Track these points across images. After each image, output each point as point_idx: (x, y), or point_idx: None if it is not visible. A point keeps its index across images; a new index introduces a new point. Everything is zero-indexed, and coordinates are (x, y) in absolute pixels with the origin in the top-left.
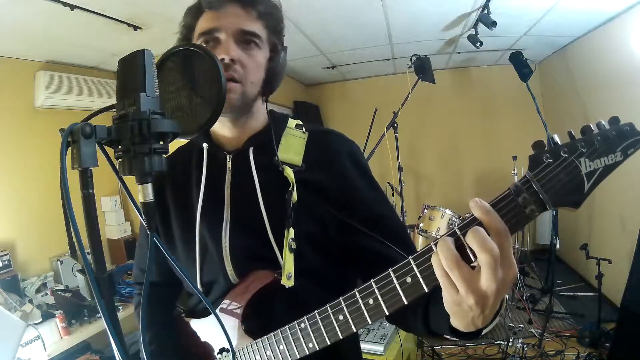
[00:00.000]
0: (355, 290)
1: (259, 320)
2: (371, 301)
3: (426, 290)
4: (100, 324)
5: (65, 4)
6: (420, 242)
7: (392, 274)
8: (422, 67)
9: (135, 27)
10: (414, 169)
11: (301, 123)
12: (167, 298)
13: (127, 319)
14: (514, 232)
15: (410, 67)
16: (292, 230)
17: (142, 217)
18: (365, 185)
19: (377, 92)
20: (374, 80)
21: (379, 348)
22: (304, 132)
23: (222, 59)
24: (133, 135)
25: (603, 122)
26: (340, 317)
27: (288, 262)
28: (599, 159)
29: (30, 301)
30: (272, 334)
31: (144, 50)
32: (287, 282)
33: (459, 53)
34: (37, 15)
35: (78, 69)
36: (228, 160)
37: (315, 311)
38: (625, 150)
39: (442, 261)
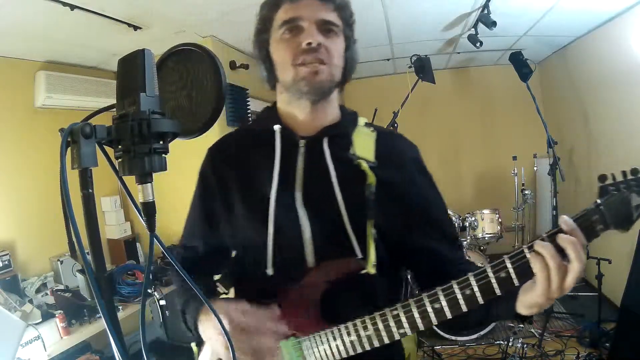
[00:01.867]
0: (453, 282)
1: (332, 307)
2: (468, 292)
3: (516, 284)
4: (100, 324)
5: (65, 4)
6: None
7: (488, 269)
8: (422, 67)
9: (135, 27)
10: None
11: (368, 121)
12: (207, 271)
13: (127, 319)
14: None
15: (410, 67)
16: (372, 221)
17: (142, 217)
18: (429, 189)
19: (377, 92)
20: (374, 80)
21: None
22: (373, 131)
23: (309, 43)
24: (133, 135)
25: None
26: (437, 306)
27: (372, 251)
28: None
29: (30, 301)
30: (357, 320)
31: (144, 50)
32: (372, 270)
33: (459, 53)
34: (37, 15)
35: (78, 69)
36: (301, 145)
37: (410, 299)
38: None
39: (549, 262)
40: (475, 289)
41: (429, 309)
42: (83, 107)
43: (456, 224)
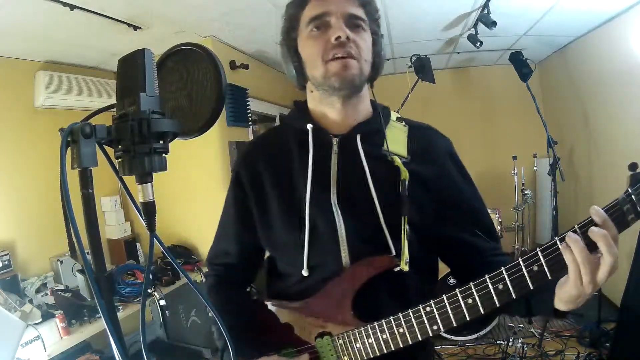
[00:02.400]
0: (487, 276)
1: (367, 305)
2: (501, 286)
3: (550, 277)
4: (100, 324)
5: (65, 4)
6: None
7: (521, 262)
8: (422, 67)
9: (135, 27)
10: None
11: (400, 116)
12: (243, 279)
13: (127, 319)
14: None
15: (410, 67)
16: (406, 218)
17: (142, 217)
18: (463, 181)
19: (377, 91)
20: None
21: None
22: (405, 125)
23: (338, 37)
24: (133, 135)
25: None
26: (470, 301)
27: (406, 248)
28: None
29: (30, 301)
30: (391, 317)
31: (144, 49)
32: (405, 267)
33: (458, 53)
34: (37, 15)
35: (78, 68)
36: (334, 143)
37: (443, 295)
38: None
39: (578, 256)
40: (509, 283)
41: (462, 305)
42: (83, 107)
43: None
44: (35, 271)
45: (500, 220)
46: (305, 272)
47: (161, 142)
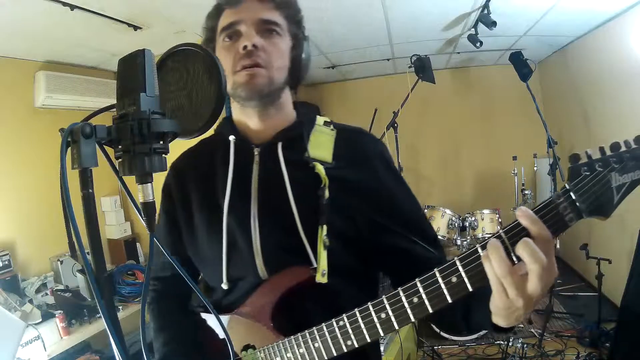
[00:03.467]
0: (400, 289)
1: (290, 318)
2: (415, 299)
3: (470, 289)
4: (100, 324)
5: (65, 4)
6: None
7: (437, 273)
8: (422, 67)
9: (135, 27)
10: (414, 169)
11: (329, 120)
12: (180, 296)
13: (127, 319)
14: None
15: (410, 67)
16: (325, 227)
17: (142, 217)
18: (397, 186)
19: (377, 92)
20: (374, 80)
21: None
22: (332, 129)
23: (245, 46)
24: (133, 135)
25: (630, 140)
26: (383, 315)
27: (322, 259)
28: (627, 174)
29: (30, 301)
30: (306, 331)
31: (144, 50)
32: (322, 279)
33: (459, 53)
34: (36, 15)
35: (78, 69)
36: (256, 153)
37: (356, 309)
38: None
39: (496, 269)
40: (424, 296)
41: (375, 319)
42: (83, 107)
43: (456, 223)
44: (35, 271)
45: (500, 220)
46: (225, 286)
47: (161, 142)
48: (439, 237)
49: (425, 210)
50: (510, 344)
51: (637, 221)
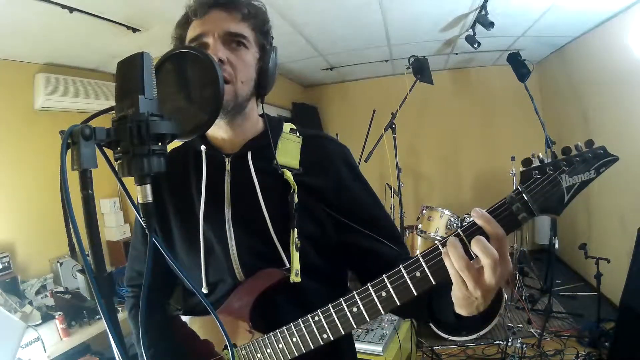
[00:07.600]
0: (369, 284)
1: (266, 317)
2: (384, 294)
3: (433, 283)
4: (100, 326)
5: (64, 7)
6: (419, 243)
7: (403, 269)
8: (420, 68)
9: (134, 29)
10: (412, 169)
11: (294, 127)
12: (159, 300)
13: (126, 320)
14: (508, 234)
15: (408, 68)
16: (295, 230)
17: (141, 217)
18: (360, 188)
19: (376, 93)
20: (372, 81)
21: (378, 348)
22: (298, 136)
23: None
24: (132, 136)
25: (580, 144)
26: (355, 309)
27: (295, 260)
28: (576, 176)
29: (30, 303)
30: (284, 327)
31: (142, 52)
32: (296, 278)
33: (457, 54)
34: (36, 17)
35: (77, 71)
36: (227, 163)
37: (329, 305)
38: (598, 169)
39: (455, 264)
40: (391, 290)
41: (348, 313)
42: (82, 109)
43: (455, 224)
44: (34, 273)
45: None
46: (205, 290)
47: (160, 143)
48: (438, 237)
49: (424, 211)
50: (509, 344)
51: (636, 220)
